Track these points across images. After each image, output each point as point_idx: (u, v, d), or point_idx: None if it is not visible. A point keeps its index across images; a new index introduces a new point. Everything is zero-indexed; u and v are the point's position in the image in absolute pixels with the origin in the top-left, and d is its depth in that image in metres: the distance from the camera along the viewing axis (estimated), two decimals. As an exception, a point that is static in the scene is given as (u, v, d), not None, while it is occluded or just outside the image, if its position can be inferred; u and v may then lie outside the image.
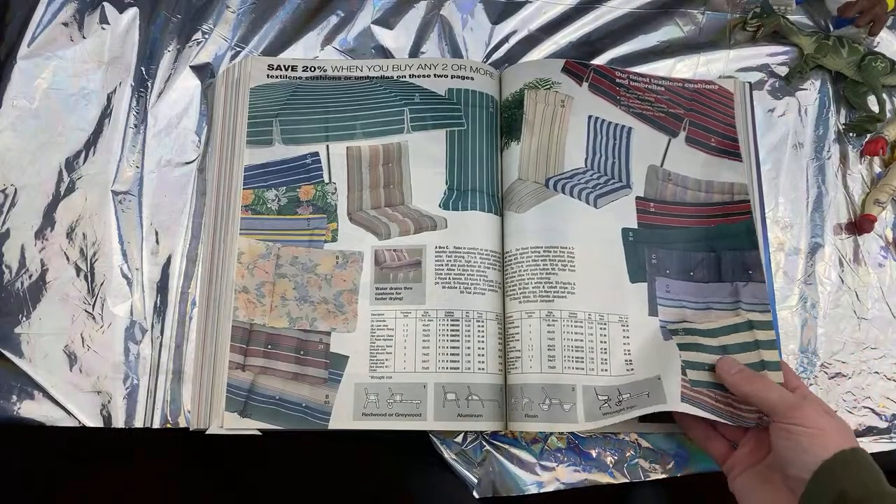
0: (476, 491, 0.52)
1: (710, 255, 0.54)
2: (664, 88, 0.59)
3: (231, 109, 0.57)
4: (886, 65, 0.62)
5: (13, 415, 0.51)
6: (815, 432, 0.42)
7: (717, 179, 0.56)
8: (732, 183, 0.56)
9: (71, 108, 0.58)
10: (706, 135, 0.58)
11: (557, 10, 0.65)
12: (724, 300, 0.52)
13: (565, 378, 0.49)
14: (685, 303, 0.53)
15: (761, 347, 0.50)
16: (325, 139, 0.56)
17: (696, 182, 0.56)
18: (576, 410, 0.48)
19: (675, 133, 0.58)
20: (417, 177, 0.55)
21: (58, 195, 0.56)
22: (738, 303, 0.52)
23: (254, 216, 0.54)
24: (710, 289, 0.53)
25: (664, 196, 0.56)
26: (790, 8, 0.65)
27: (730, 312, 0.52)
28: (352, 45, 0.62)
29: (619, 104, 0.57)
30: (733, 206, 0.55)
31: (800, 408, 0.43)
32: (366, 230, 0.54)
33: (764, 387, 0.45)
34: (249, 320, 0.51)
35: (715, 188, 0.56)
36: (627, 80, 0.59)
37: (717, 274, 0.53)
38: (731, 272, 0.53)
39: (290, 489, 0.92)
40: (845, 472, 0.40)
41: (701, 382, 0.48)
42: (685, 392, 0.47)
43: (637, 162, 0.56)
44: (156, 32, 0.61)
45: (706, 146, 0.58)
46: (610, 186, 0.55)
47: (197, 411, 0.51)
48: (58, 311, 0.53)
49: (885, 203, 0.60)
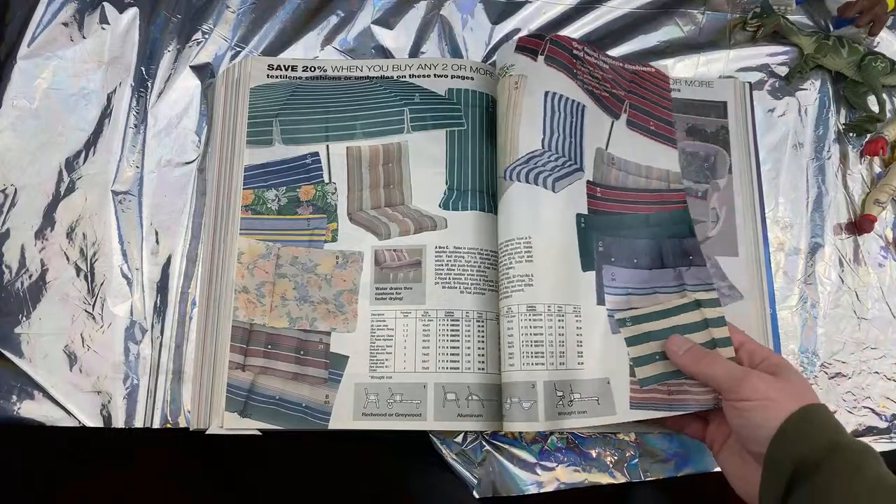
0: (476, 491, 0.52)
1: (652, 241, 0.53)
2: (608, 67, 0.58)
3: (231, 109, 0.57)
4: (886, 65, 0.62)
5: (13, 415, 0.51)
6: (764, 404, 0.39)
7: (655, 165, 0.56)
8: (668, 170, 0.56)
9: (71, 108, 0.58)
10: (646, 118, 0.57)
11: (557, 10, 0.65)
12: (669, 284, 0.52)
13: (525, 375, 0.48)
14: (630, 289, 0.51)
15: (710, 326, 0.49)
16: (325, 139, 0.56)
17: (637, 167, 0.55)
18: (537, 409, 0.47)
19: (618, 115, 0.56)
20: (417, 177, 0.55)
21: (58, 195, 0.56)
22: (683, 285, 0.51)
23: (254, 216, 0.54)
24: (653, 275, 0.52)
25: (609, 181, 0.54)
26: (790, 8, 0.65)
27: (675, 294, 0.51)
28: (352, 45, 0.62)
29: (575, 78, 0.54)
30: (669, 195, 0.55)
31: (745, 380, 0.41)
32: (366, 230, 0.54)
33: (709, 363, 0.44)
34: (249, 320, 0.51)
35: (654, 174, 0.55)
36: (583, 53, 0.56)
37: (659, 260, 0.52)
38: (673, 258, 0.52)
39: (290, 489, 0.91)
40: (798, 437, 0.38)
41: (650, 379, 0.48)
42: (635, 397, 0.47)
43: (588, 143, 0.54)
44: (156, 32, 0.61)
45: (646, 130, 0.57)
46: (566, 169, 0.52)
47: (197, 411, 0.51)
48: (58, 311, 0.53)
49: (885, 203, 0.60)
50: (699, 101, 0.60)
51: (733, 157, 0.58)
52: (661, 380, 0.48)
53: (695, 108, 0.60)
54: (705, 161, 0.58)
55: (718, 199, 0.57)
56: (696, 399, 0.47)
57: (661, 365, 0.48)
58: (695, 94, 0.60)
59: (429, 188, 0.55)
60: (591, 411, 0.47)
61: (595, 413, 0.47)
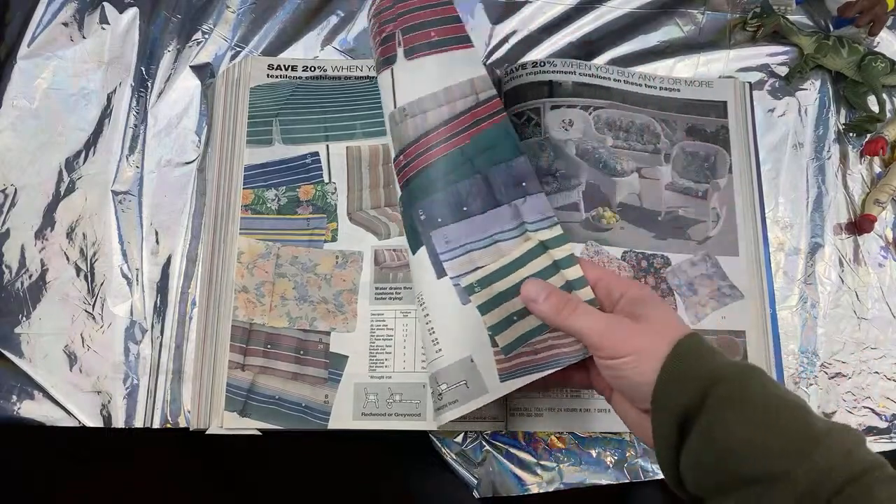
0: (476, 491, 0.52)
1: (477, 178, 0.46)
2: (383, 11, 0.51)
3: (231, 109, 0.57)
4: (886, 65, 0.62)
5: (13, 415, 0.51)
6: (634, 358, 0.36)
7: (453, 82, 0.48)
8: (471, 79, 0.48)
9: (71, 108, 0.58)
10: (423, 33, 0.50)
11: (557, 10, 0.65)
12: (508, 227, 0.46)
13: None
14: (469, 245, 0.46)
15: (562, 267, 0.44)
16: (324, 139, 0.56)
17: (433, 97, 0.48)
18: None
19: (394, 58, 0.50)
20: None
21: (58, 195, 0.56)
22: (524, 224, 0.46)
23: (254, 216, 0.54)
24: (489, 219, 0.46)
25: (407, 137, 0.48)
26: (790, 8, 0.65)
27: (518, 240, 0.46)
28: (352, 45, 0.62)
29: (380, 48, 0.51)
30: (482, 109, 0.48)
31: (608, 334, 0.37)
32: (366, 230, 0.54)
33: (569, 314, 0.40)
34: (249, 320, 0.51)
35: (456, 94, 0.48)
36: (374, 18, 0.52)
37: (491, 198, 0.46)
38: (504, 190, 0.46)
39: (290, 489, 0.92)
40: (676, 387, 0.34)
41: (513, 343, 0.43)
42: (503, 368, 0.43)
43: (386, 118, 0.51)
44: (156, 32, 0.61)
45: (428, 45, 0.49)
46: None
47: (197, 411, 0.51)
48: (58, 311, 0.53)
49: (885, 203, 0.60)
50: (699, 101, 0.60)
51: (733, 157, 0.58)
52: (525, 340, 0.43)
53: (695, 108, 0.60)
54: (705, 161, 0.58)
55: (719, 198, 0.57)
56: (565, 352, 0.42)
57: (521, 326, 0.43)
58: (695, 94, 0.60)
59: None
60: (462, 398, 0.43)
61: (467, 398, 0.43)
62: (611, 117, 0.58)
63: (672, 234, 0.56)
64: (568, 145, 0.56)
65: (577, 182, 0.56)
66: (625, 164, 0.57)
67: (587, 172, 0.56)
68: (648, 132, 0.58)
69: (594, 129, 0.57)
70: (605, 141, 0.57)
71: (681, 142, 0.58)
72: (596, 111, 0.58)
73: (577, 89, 0.58)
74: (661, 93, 0.60)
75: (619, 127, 0.58)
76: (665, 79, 0.60)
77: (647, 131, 0.58)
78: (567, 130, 0.57)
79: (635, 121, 0.58)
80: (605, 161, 0.57)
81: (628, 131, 0.58)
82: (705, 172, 0.58)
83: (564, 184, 0.55)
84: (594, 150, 0.57)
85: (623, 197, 0.56)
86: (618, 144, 0.57)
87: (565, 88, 0.58)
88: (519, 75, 0.58)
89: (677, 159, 0.58)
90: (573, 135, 0.57)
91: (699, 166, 0.58)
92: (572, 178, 0.56)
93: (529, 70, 0.58)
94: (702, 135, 0.59)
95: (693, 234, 0.56)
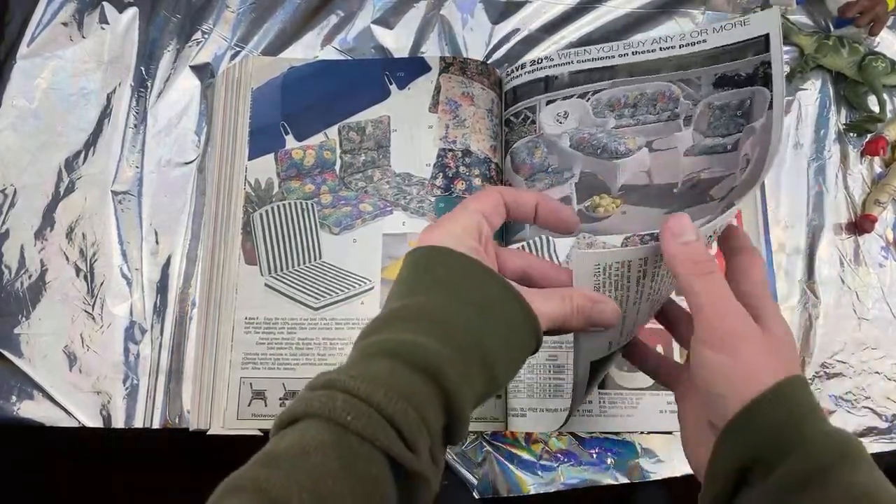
0: (476, 491, 0.52)
1: None
2: None
3: (231, 109, 0.57)
4: (887, 65, 0.62)
5: (13, 415, 0.51)
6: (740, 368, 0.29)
7: None
8: None
9: (71, 108, 0.58)
10: None
11: (557, 9, 0.64)
12: None
13: None
14: None
15: None
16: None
17: None
18: None
19: None
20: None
21: (57, 195, 0.56)
22: None
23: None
24: None
25: None
26: (790, 8, 0.65)
27: None
28: (352, 44, 0.62)
29: None
30: None
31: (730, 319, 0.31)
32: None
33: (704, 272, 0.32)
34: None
35: None
36: None
37: None
38: None
39: (290, 489, 0.91)
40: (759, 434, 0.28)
41: None
42: None
43: None
44: (155, 32, 0.61)
45: None
46: None
47: (197, 411, 0.51)
48: (57, 311, 0.53)
49: (886, 203, 0.60)
50: (732, 44, 0.53)
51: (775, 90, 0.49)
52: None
53: (728, 53, 0.53)
54: (738, 108, 0.52)
55: (752, 143, 0.50)
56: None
57: None
58: (726, 39, 0.53)
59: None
60: None
61: None
62: (613, 97, 0.55)
63: (689, 202, 0.51)
64: (562, 138, 0.55)
65: (570, 174, 0.55)
66: (629, 142, 0.55)
67: (582, 162, 0.55)
68: (664, 99, 0.55)
69: (592, 114, 0.56)
70: (606, 124, 0.55)
71: (707, 97, 0.53)
72: (595, 95, 0.55)
73: (574, 78, 0.56)
74: (682, 51, 0.54)
75: (625, 104, 0.55)
76: (686, 34, 0.54)
77: (663, 98, 0.55)
78: (561, 123, 0.56)
79: (646, 91, 0.55)
80: (605, 145, 0.55)
81: (636, 106, 0.55)
82: (737, 121, 0.52)
83: (556, 178, 0.54)
84: (591, 136, 0.55)
85: (627, 178, 0.54)
86: (622, 124, 0.55)
87: (561, 80, 0.56)
88: (518, 75, 0.58)
89: (701, 117, 0.53)
90: (567, 126, 0.56)
91: (730, 116, 0.52)
92: (565, 171, 0.55)
93: (528, 69, 0.57)
94: (735, 81, 0.52)
95: (716, 192, 0.50)
